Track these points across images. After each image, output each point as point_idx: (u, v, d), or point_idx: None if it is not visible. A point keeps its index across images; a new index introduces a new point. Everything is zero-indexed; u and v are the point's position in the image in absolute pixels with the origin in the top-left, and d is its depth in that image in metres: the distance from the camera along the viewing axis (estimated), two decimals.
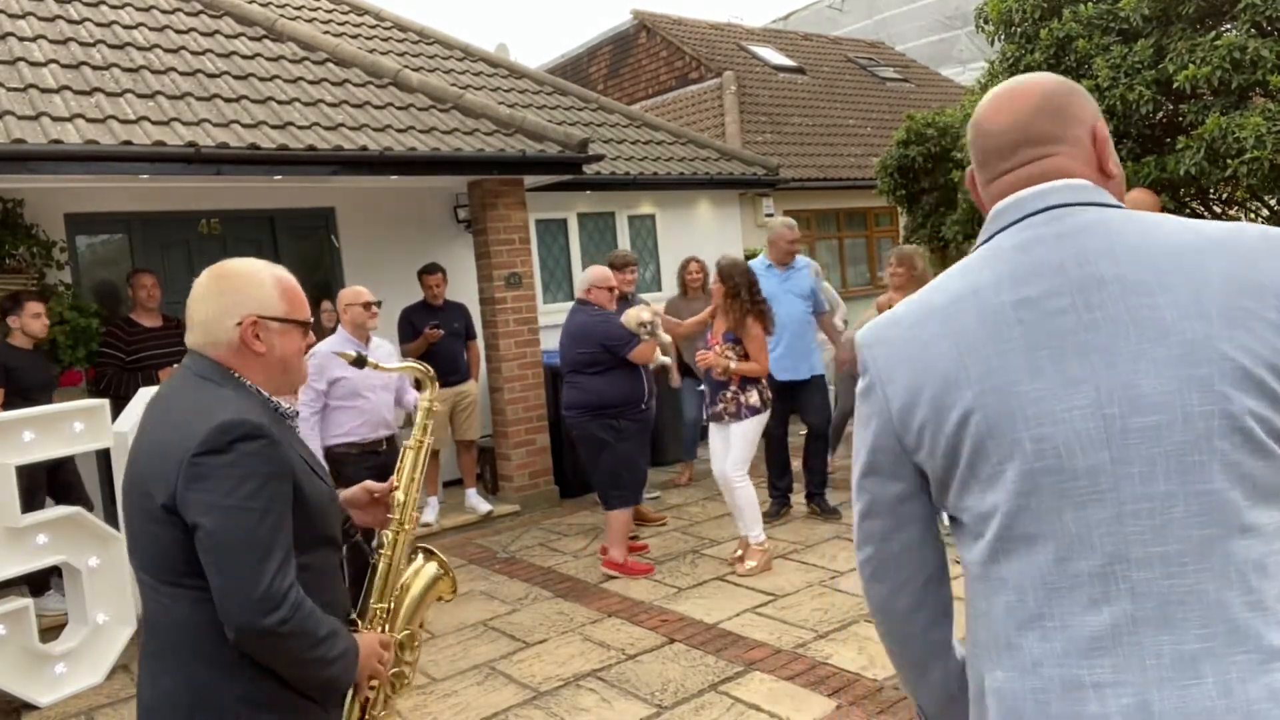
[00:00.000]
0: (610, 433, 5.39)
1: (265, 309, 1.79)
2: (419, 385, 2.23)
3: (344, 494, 2.06)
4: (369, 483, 2.08)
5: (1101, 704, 1.09)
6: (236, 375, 1.79)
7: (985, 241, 1.27)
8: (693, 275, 7.15)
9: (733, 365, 5.13)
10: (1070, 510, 1.12)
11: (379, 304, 5.07)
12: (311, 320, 1.92)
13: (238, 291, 1.79)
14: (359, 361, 2.14)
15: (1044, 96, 1.28)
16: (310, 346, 1.93)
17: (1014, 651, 1.16)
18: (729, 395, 5.24)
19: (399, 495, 2.03)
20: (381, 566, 1.97)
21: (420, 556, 2.09)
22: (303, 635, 1.65)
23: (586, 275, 5.69)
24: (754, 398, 5.25)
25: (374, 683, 1.89)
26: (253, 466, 1.64)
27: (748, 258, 9.18)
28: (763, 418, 5.33)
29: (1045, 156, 1.26)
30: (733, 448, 5.27)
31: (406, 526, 2.01)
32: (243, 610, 1.60)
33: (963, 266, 1.27)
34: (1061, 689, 1.11)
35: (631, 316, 5.45)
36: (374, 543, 2.04)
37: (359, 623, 1.92)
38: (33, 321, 5.11)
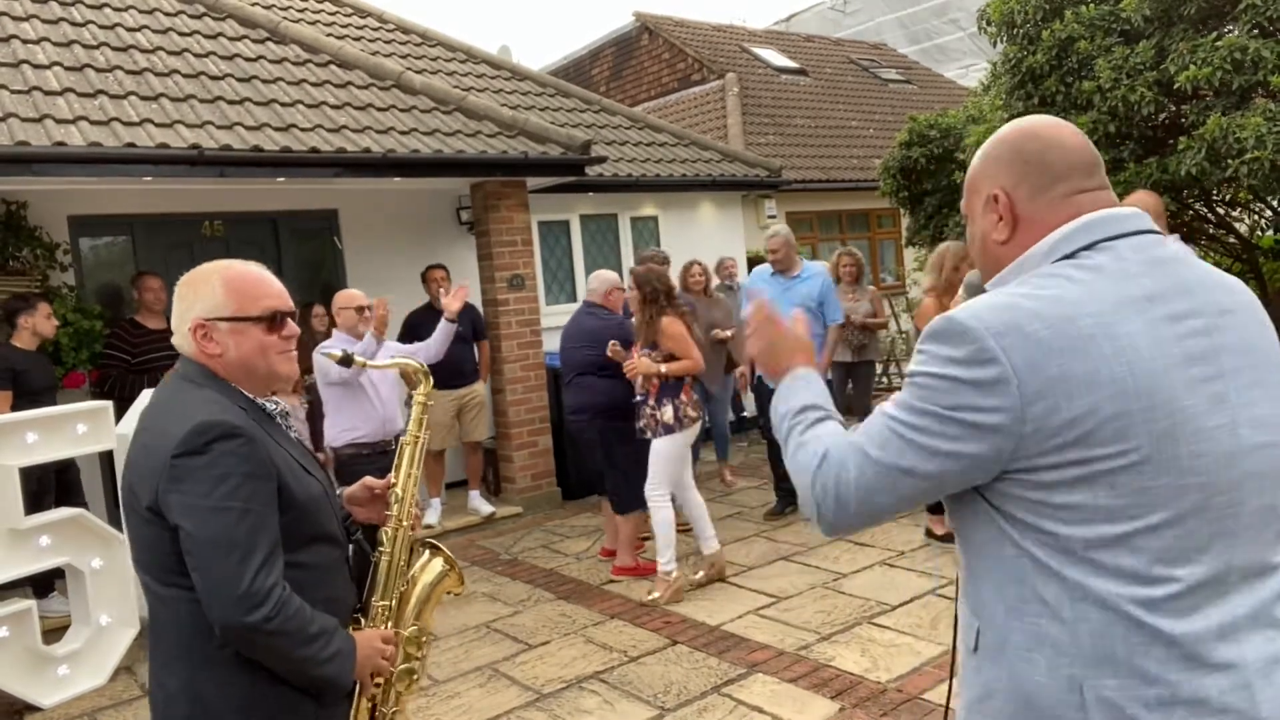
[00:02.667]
0: (620, 434, 5.38)
1: (210, 311, 1.79)
2: (409, 381, 2.20)
3: (345, 492, 2.07)
4: (368, 479, 2.08)
5: (1220, 695, 1.20)
6: (219, 376, 1.81)
7: (1086, 248, 1.29)
8: (695, 278, 7.14)
9: (663, 368, 4.96)
10: (1208, 526, 1.21)
11: (369, 308, 4.95)
12: (282, 311, 1.87)
13: (186, 298, 1.82)
14: (345, 360, 2.12)
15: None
16: (291, 336, 1.89)
17: (1139, 659, 1.21)
18: (646, 412, 5.08)
19: (396, 491, 2.02)
20: (383, 564, 1.96)
21: (426, 552, 2.08)
22: (289, 634, 1.65)
23: (605, 279, 5.64)
24: (668, 414, 5.01)
25: (379, 680, 1.88)
26: (230, 466, 1.65)
27: (750, 260, 9.19)
28: (680, 437, 5.06)
29: (1108, 186, 1.37)
30: (650, 467, 5.09)
31: (405, 522, 2.00)
32: (225, 608, 1.61)
33: (1083, 271, 1.27)
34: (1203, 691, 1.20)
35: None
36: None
37: (361, 620, 1.92)
38: (45, 322, 5.15)
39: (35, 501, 4.91)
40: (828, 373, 6.76)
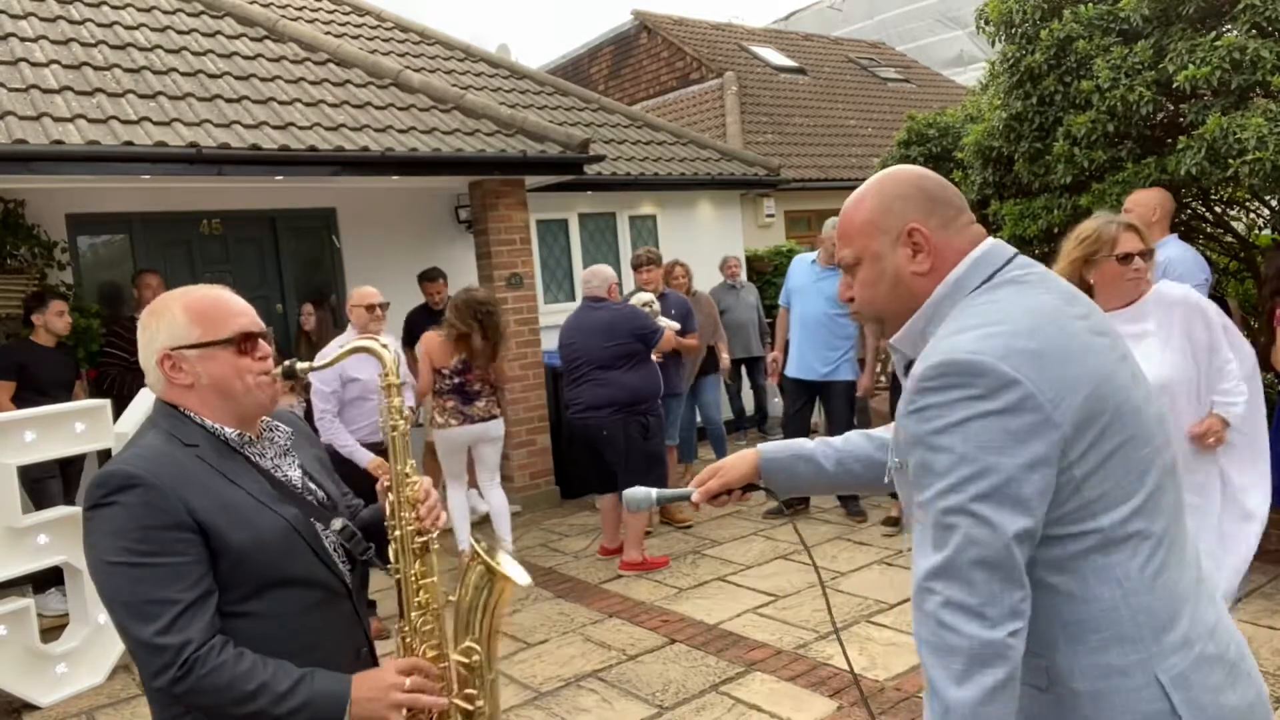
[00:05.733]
0: (641, 429, 5.39)
1: (175, 339, 1.70)
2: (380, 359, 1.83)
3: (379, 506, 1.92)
4: (384, 483, 1.88)
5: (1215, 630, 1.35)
6: (181, 410, 1.72)
7: (998, 271, 1.39)
8: (677, 279, 7.25)
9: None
10: (1169, 494, 1.34)
11: (382, 306, 5.00)
12: (248, 333, 1.74)
13: (149, 329, 1.73)
14: (289, 373, 1.81)
15: None
16: (265, 358, 1.76)
17: (1176, 636, 1.30)
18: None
19: (390, 497, 1.81)
20: (399, 582, 1.78)
21: (471, 564, 1.86)
22: (213, 691, 1.52)
23: (603, 274, 5.67)
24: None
25: (422, 715, 1.72)
26: (128, 519, 1.54)
27: (748, 259, 9.18)
28: (445, 433, 5.33)
29: None
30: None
31: (402, 530, 1.78)
32: (142, 668, 1.54)
33: (1016, 288, 1.37)
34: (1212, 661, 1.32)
35: (637, 302, 5.54)
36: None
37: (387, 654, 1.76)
38: (56, 319, 5.19)
39: (38, 488, 4.96)
40: (873, 383, 6.71)
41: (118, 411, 4.77)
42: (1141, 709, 1.27)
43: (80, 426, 4.49)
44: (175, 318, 1.71)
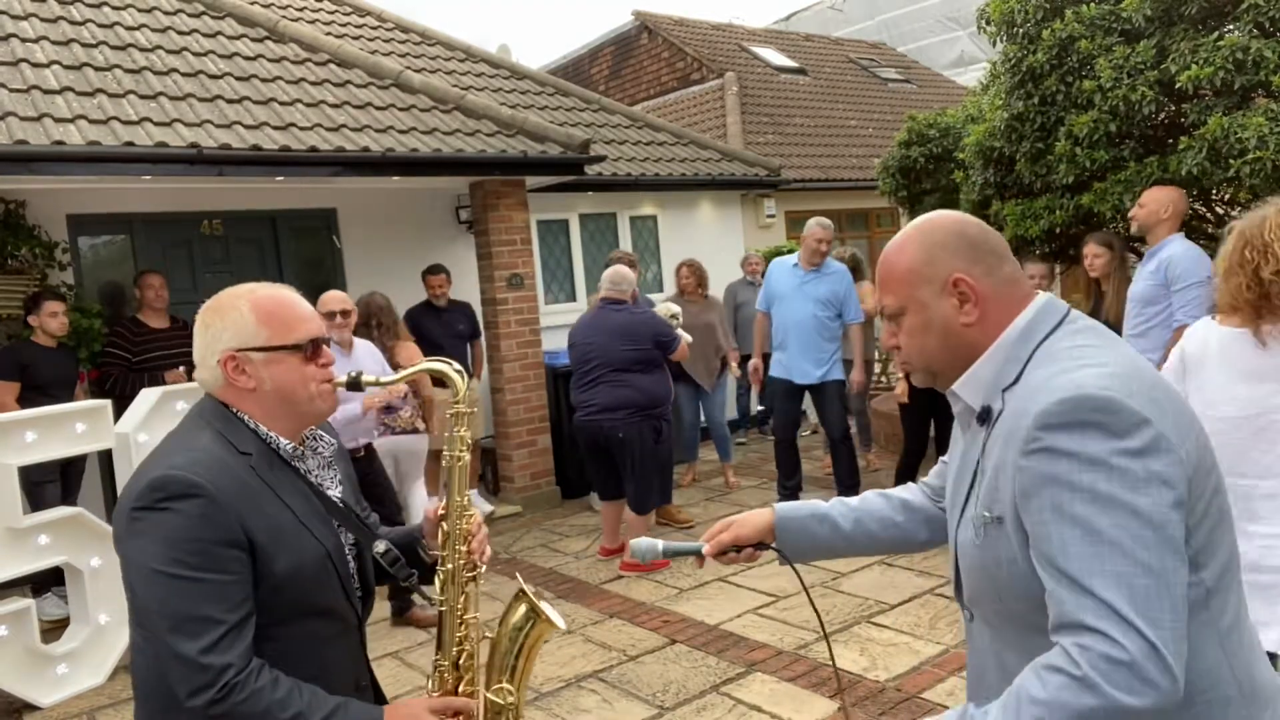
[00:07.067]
0: (655, 434, 5.40)
1: (243, 340, 1.63)
2: (441, 384, 1.80)
3: (425, 528, 1.88)
4: (429, 508, 1.85)
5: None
6: (235, 412, 1.65)
7: (1063, 320, 1.37)
8: (682, 280, 7.22)
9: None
10: (1234, 544, 1.32)
11: (344, 313, 4.80)
12: (316, 339, 1.69)
13: (212, 326, 1.65)
14: (353, 385, 1.76)
15: None
16: (329, 364, 1.70)
17: (1265, 679, 1.30)
18: (405, 415, 5.49)
19: (444, 526, 1.75)
20: (444, 614, 1.73)
21: (516, 602, 1.83)
22: (252, 717, 1.48)
23: (629, 277, 5.64)
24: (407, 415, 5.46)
25: None
26: (184, 529, 1.48)
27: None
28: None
29: None
30: (420, 466, 5.64)
31: (453, 564, 1.73)
32: (178, 683, 1.48)
33: (1094, 335, 1.35)
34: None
35: (662, 311, 5.55)
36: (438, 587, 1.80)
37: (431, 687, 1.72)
38: (50, 320, 5.20)
39: (37, 493, 4.96)
40: (867, 384, 6.69)
41: (118, 412, 4.77)
42: None
43: (81, 427, 4.48)
44: (243, 317, 1.64)
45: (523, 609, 1.80)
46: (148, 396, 4.74)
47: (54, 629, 4.71)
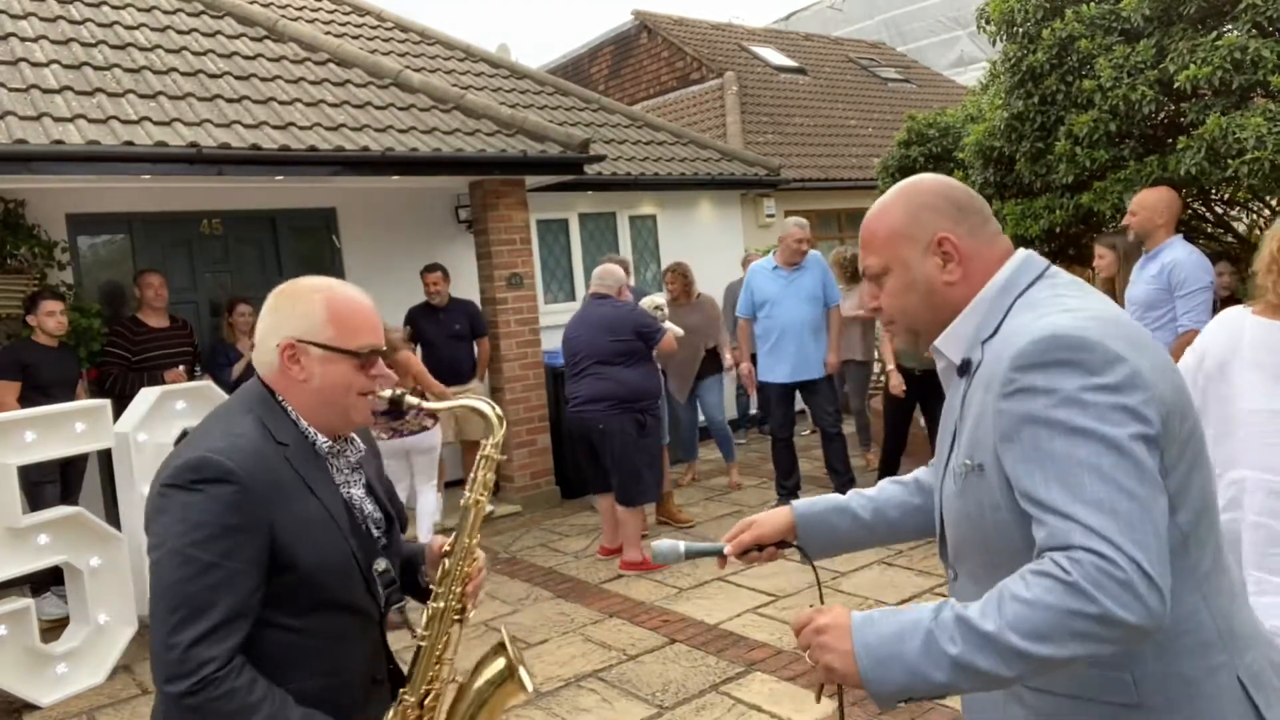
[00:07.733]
0: (638, 426, 5.41)
1: (307, 333, 1.63)
2: (475, 425, 1.83)
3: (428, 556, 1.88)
4: (436, 539, 1.86)
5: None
6: (279, 400, 1.66)
7: (1043, 274, 1.40)
8: (669, 283, 7.24)
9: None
10: (1213, 492, 1.32)
11: None
12: (377, 348, 1.69)
13: (281, 310, 1.67)
14: (396, 402, 1.74)
15: None
16: (379, 377, 1.70)
17: (1245, 624, 1.32)
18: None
19: (445, 563, 1.73)
20: (422, 649, 1.70)
21: (495, 653, 1.78)
22: (220, 716, 1.47)
23: (616, 273, 5.70)
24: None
25: None
26: (212, 513, 1.49)
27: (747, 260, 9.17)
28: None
29: None
30: (432, 464, 5.84)
31: (444, 604, 1.71)
32: (155, 666, 1.48)
33: (1073, 285, 1.38)
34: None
35: (647, 303, 5.57)
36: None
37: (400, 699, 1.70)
38: (48, 319, 5.20)
39: (36, 492, 4.95)
40: (839, 366, 6.72)
41: (118, 411, 4.77)
42: (1228, 712, 1.24)
43: (80, 426, 4.48)
44: (314, 310, 1.65)
45: (500, 663, 1.77)
46: (147, 396, 4.75)
47: (53, 628, 4.71)
